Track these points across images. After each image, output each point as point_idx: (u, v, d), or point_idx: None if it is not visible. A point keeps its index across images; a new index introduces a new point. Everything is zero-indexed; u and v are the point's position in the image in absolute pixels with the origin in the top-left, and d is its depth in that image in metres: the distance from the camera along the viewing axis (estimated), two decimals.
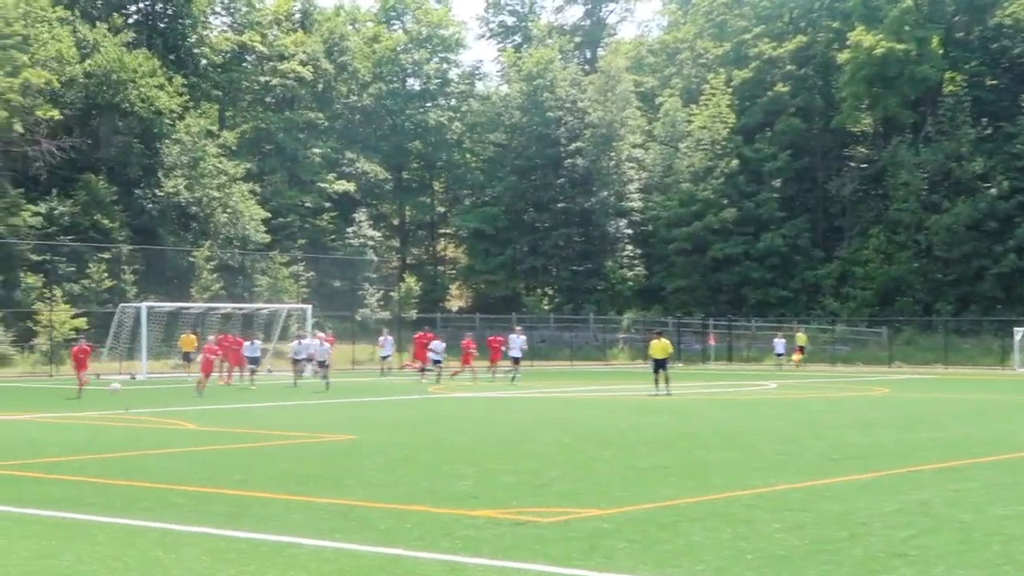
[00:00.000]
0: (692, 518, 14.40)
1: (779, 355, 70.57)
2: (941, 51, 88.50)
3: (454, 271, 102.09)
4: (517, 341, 53.83)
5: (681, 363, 71.85)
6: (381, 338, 60.59)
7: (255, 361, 50.04)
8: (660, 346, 42.66)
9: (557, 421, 30.35)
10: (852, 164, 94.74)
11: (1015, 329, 71.08)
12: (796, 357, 70.69)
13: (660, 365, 42.29)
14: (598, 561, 11.78)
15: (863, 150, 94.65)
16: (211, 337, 50.97)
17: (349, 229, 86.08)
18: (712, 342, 79.82)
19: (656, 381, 42.01)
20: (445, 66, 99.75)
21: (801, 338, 72.12)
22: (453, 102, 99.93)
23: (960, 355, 73.41)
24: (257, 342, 51.47)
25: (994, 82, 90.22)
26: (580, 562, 11.71)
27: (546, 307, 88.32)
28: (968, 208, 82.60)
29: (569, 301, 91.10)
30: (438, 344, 52.68)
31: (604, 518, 14.38)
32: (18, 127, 69.42)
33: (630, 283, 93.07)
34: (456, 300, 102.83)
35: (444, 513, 14.83)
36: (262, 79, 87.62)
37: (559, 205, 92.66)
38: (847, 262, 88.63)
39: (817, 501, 15.93)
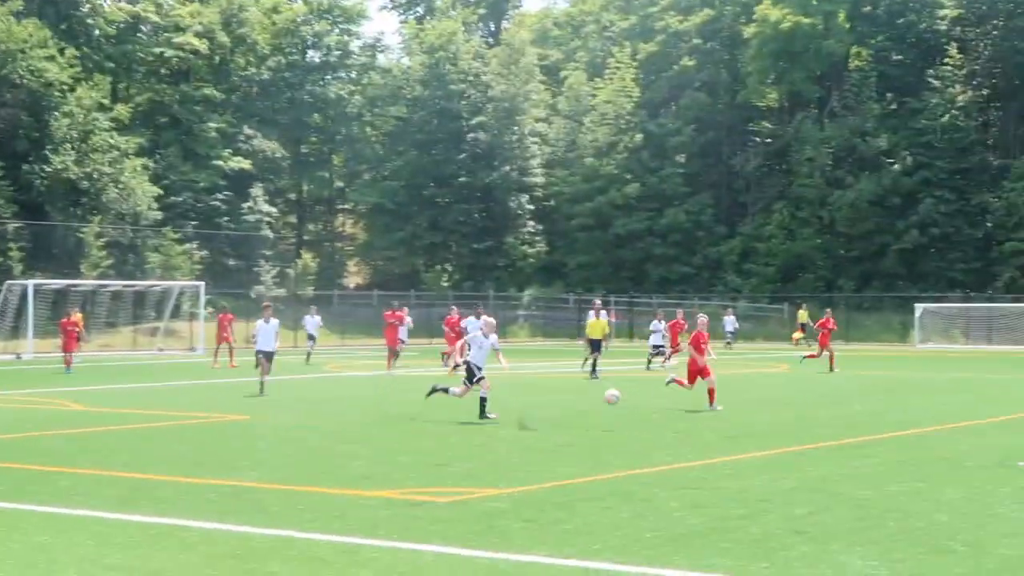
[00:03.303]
0: (590, 497, 14.26)
1: (730, 333, 68.03)
2: (847, 26, 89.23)
3: (352, 247, 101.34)
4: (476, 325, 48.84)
5: (581, 340, 71.87)
6: (308, 317, 54.59)
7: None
8: (599, 325, 41.18)
9: (456, 400, 30.12)
10: (757, 139, 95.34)
11: (916, 305, 71.96)
12: (796, 335, 69.00)
13: (596, 346, 40.19)
14: (494, 541, 11.63)
15: (768, 125, 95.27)
16: (71, 311, 49.23)
17: (244, 205, 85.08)
18: (613, 319, 79.86)
19: (593, 362, 39.71)
20: (346, 38, 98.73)
21: (803, 315, 69.76)
22: (354, 75, 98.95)
23: (861, 331, 74.14)
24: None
25: (900, 57, 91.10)
26: (476, 543, 11.56)
27: (445, 284, 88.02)
28: (872, 184, 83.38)
29: (469, 278, 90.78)
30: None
31: (501, 498, 14.21)
32: None
33: (531, 260, 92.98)
34: (354, 277, 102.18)
35: (338, 494, 14.64)
36: (156, 51, 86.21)
37: (460, 180, 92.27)
38: (750, 238, 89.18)
39: (716, 479, 15.88)
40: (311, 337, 53.01)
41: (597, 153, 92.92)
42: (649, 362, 45.21)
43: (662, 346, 45.52)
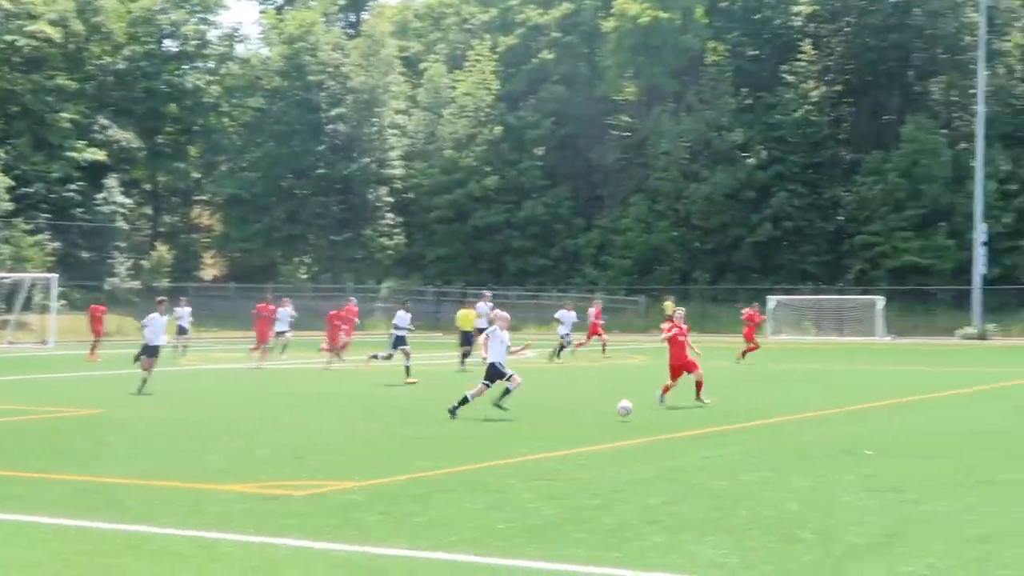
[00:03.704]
0: (445, 489, 14.31)
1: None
2: (705, 21, 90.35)
3: (209, 239, 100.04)
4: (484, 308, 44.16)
5: (440, 332, 71.95)
6: (179, 309, 50.73)
7: None
8: (467, 317, 40.64)
9: (315, 394, 30.02)
10: (614, 133, 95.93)
11: (769, 297, 73.09)
12: (665, 326, 68.46)
13: (466, 339, 39.51)
14: (350, 534, 11.64)
15: (626, 119, 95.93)
16: None
17: (99, 196, 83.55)
18: (462, 309, 79.73)
19: (463, 355, 39.12)
20: (204, 27, 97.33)
21: (669, 307, 68.74)
22: (211, 65, 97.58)
23: (716, 323, 75.06)
24: None
25: (755, 52, 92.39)
26: (332, 535, 11.56)
27: (304, 276, 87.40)
28: (727, 178, 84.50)
29: (327, 270, 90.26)
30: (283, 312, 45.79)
31: (357, 491, 14.21)
32: None
33: (390, 252, 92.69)
34: (211, 269, 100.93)
35: (194, 488, 14.52)
36: (8, 39, 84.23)
37: (319, 172, 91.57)
38: (607, 231, 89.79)
39: (571, 470, 16.00)
40: (182, 330, 50.12)
41: (456, 145, 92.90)
42: (558, 353, 45.05)
43: (568, 334, 45.32)
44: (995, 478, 15.52)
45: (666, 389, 25.81)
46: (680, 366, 26.13)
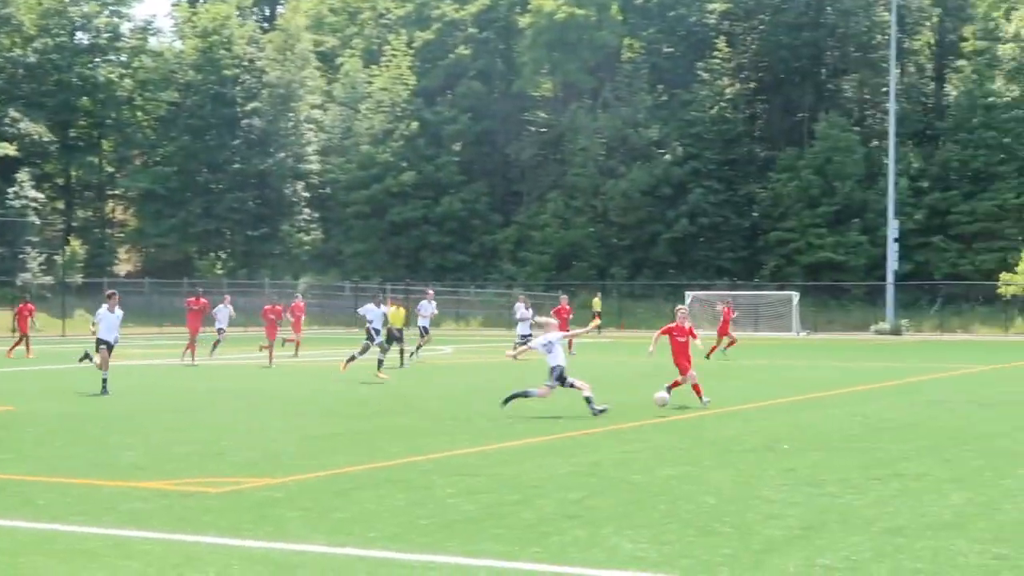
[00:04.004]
0: (366, 485, 14.24)
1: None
2: (620, 17, 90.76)
3: (123, 234, 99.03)
4: (429, 308, 44.97)
5: (357, 328, 71.60)
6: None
7: None
8: (397, 314, 39.99)
9: (234, 390, 29.80)
10: (532, 129, 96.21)
11: (686, 293, 73.58)
12: (594, 323, 68.88)
13: (397, 336, 38.68)
14: (268, 531, 11.54)
15: (543, 115, 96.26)
16: None
17: (10, 190, 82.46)
18: (389, 307, 79.52)
19: (401, 352, 38.65)
20: (116, 20, 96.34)
21: (596, 303, 69.78)
22: (124, 58, 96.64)
23: (634, 319, 75.51)
24: None
25: (670, 49, 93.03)
26: (250, 532, 11.45)
27: (220, 271, 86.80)
28: (643, 174, 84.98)
29: (244, 266, 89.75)
30: (221, 311, 45.36)
31: (276, 487, 14.09)
32: None
33: (307, 247, 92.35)
34: (125, 264, 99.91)
35: (108, 486, 14.31)
36: None
37: (234, 167, 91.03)
38: (525, 226, 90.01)
39: (492, 465, 15.99)
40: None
41: (373, 141, 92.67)
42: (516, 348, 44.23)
43: (529, 335, 43.35)
44: (907, 471, 15.70)
45: (696, 389, 25.00)
46: (677, 365, 25.38)
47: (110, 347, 28.95)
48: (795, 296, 71.88)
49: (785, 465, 16.09)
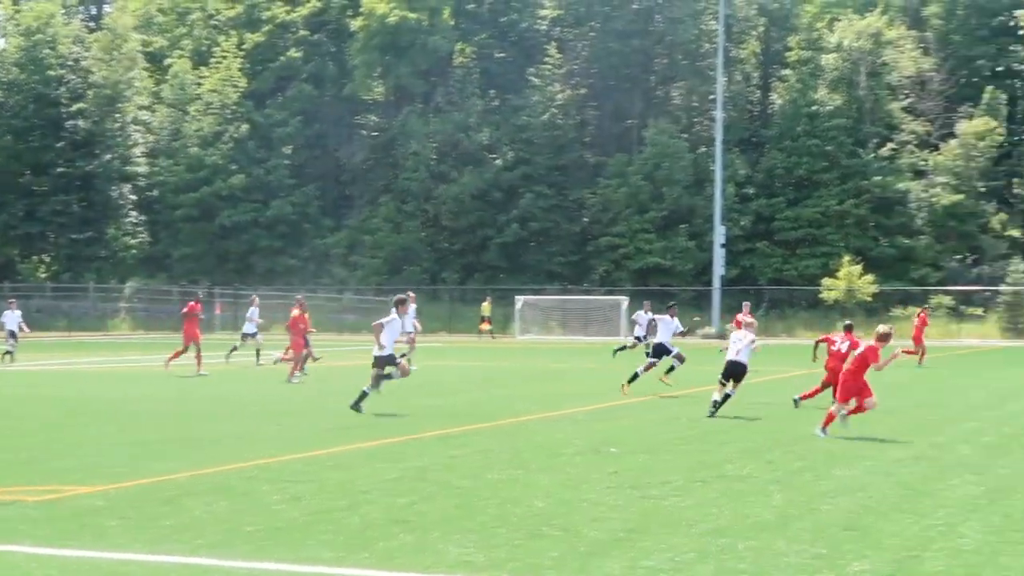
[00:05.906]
0: (190, 492, 14.04)
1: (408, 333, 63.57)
2: (452, 22, 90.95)
3: None
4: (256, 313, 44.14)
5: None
6: (8, 312, 45.71)
7: None
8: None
9: (49, 396, 29.15)
10: (363, 132, 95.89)
11: (516, 298, 73.99)
12: (484, 327, 70.23)
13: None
14: (88, 540, 11.34)
15: (374, 118, 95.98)
16: None
17: None
18: (218, 311, 78.85)
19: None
20: None
21: (486, 307, 71.20)
22: None
23: (464, 323, 75.66)
24: None
25: (502, 55, 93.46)
26: (70, 542, 11.24)
27: (43, 275, 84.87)
28: (475, 179, 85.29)
29: (68, 269, 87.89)
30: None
31: (96, 495, 13.82)
32: None
33: (133, 250, 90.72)
34: None
35: None
36: None
37: (59, 169, 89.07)
38: (356, 231, 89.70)
39: (318, 471, 15.90)
40: (12, 335, 45.19)
41: (202, 143, 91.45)
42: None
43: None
44: (729, 472, 16.00)
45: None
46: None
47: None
48: (624, 301, 72.66)
49: (612, 468, 16.26)
